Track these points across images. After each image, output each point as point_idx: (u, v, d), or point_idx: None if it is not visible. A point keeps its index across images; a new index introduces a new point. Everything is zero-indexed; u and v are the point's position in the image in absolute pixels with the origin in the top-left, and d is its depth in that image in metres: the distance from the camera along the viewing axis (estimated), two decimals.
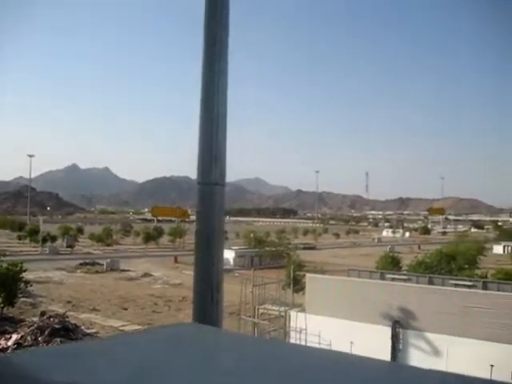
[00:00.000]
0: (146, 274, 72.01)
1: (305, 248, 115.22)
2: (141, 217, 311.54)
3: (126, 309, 47.40)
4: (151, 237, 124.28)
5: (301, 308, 32.68)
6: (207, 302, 5.33)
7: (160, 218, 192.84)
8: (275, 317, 33.19)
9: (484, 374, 25.65)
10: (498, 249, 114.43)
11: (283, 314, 32.34)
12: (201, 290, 5.41)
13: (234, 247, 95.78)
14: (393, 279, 35.17)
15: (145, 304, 50.01)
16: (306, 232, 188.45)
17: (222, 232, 5.60)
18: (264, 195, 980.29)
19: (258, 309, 33.21)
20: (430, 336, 27.84)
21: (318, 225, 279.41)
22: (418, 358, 28.20)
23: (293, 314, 31.99)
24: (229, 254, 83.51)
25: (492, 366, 25.87)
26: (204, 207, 5.42)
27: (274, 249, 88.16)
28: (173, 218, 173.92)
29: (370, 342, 28.73)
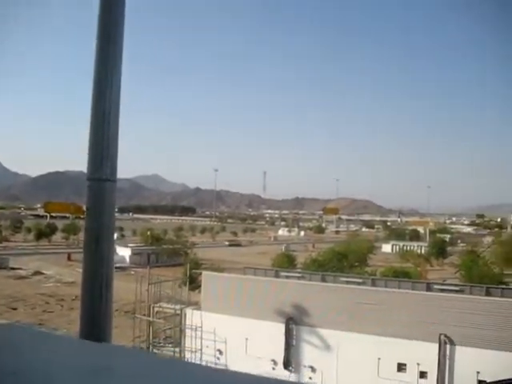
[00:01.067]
0: (37, 273, 69.18)
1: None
2: (33, 213, 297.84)
3: (15, 309, 45.30)
4: (43, 233, 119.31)
5: (197, 306, 32.64)
6: (96, 300, 5.23)
7: (53, 214, 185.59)
8: (171, 315, 32.91)
9: (373, 367, 26.96)
10: (386, 247, 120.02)
11: (179, 312, 32.17)
12: (89, 288, 5.27)
13: (130, 245, 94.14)
14: (287, 277, 35.97)
15: (36, 303, 48.03)
16: (203, 230, 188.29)
17: (112, 229, 5.43)
18: (162, 192, 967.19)
19: (153, 307, 32.82)
20: (323, 332, 28.69)
21: (215, 223, 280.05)
22: (310, 353, 29.09)
23: (188, 311, 31.87)
24: (125, 252, 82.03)
25: (379, 359, 27.24)
26: (94, 204, 5.26)
27: (171, 246, 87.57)
28: (67, 215, 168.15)
29: (264, 338, 29.28)
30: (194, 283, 39.98)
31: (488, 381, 22.55)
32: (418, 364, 26.49)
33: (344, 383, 27.59)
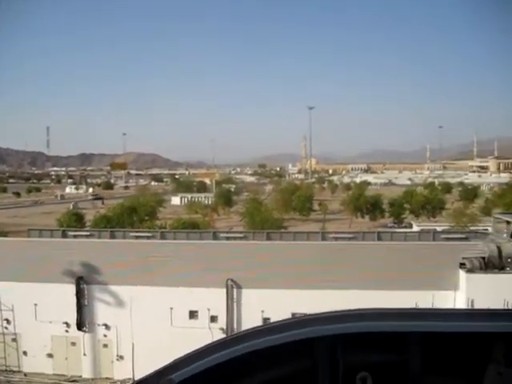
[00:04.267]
0: None
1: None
2: None
3: None
4: None
5: None
6: None
7: None
8: None
9: (166, 318, 27.70)
10: (175, 200, 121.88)
11: None
12: None
13: None
14: (75, 236, 34.90)
15: None
16: None
17: None
18: None
19: None
20: (115, 288, 28.63)
21: None
22: (103, 311, 28.88)
23: None
24: None
25: (172, 309, 28.05)
26: None
27: None
28: None
29: (55, 301, 28.32)
30: None
31: (271, 317, 24.65)
32: (209, 309, 27.91)
33: (138, 336, 28.02)
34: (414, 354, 2.18)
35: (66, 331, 29.06)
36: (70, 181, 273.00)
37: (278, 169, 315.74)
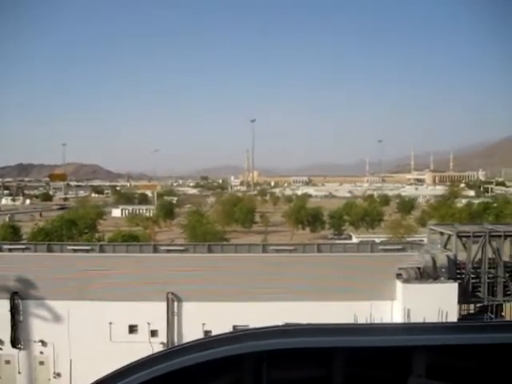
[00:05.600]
0: None
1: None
2: None
3: None
4: None
5: None
6: None
7: None
8: None
9: (105, 333, 27.21)
10: (116, 212, 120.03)
11: None
12: None
13: None
14: (10, 250, 33.86)
15: None
16: None
17: None
18: None
19: None
20: (52, 303, 27.91)
21: None
22: (39, 327, 28.10)
23: None
24: None
25: (111, 323, 27.58)
26: None
27: None
28: None
29: None
30: None
31: (213, 330, 24.63)
32: (149, 324, 27.58)
33: (76, 352, 27.39)
34: (338, 369, 2.26)
35: (0, 349, 28.12)
36: (6, 192, 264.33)
37: (221, 181, 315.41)
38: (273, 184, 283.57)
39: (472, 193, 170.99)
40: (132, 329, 27.97)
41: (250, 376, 2.24)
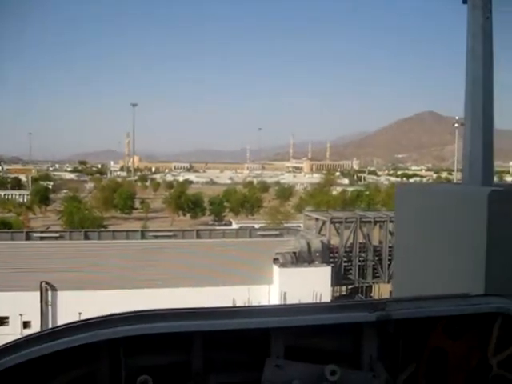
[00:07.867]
0: None
1: None
2: None
3: None
4: None
5: None
6: None
7: None
8: None
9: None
10: None
11: None
12: None
13: None
14: None
15: None
16: None
17: None
18: None
19: None
20: None
21: None
22: None
23: None
24: None
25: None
26: None
27: None
28: None
29: None
30: None
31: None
32: (21, 315, 26.51)
33: None
34: (197, 353, 2.25)
35: None
36: None
37: (100, 166, 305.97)
38: (154, 170, 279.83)
39: (346, 181, 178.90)
40: (2, 321, 26.77)
41: (107, 364, 2.17)
